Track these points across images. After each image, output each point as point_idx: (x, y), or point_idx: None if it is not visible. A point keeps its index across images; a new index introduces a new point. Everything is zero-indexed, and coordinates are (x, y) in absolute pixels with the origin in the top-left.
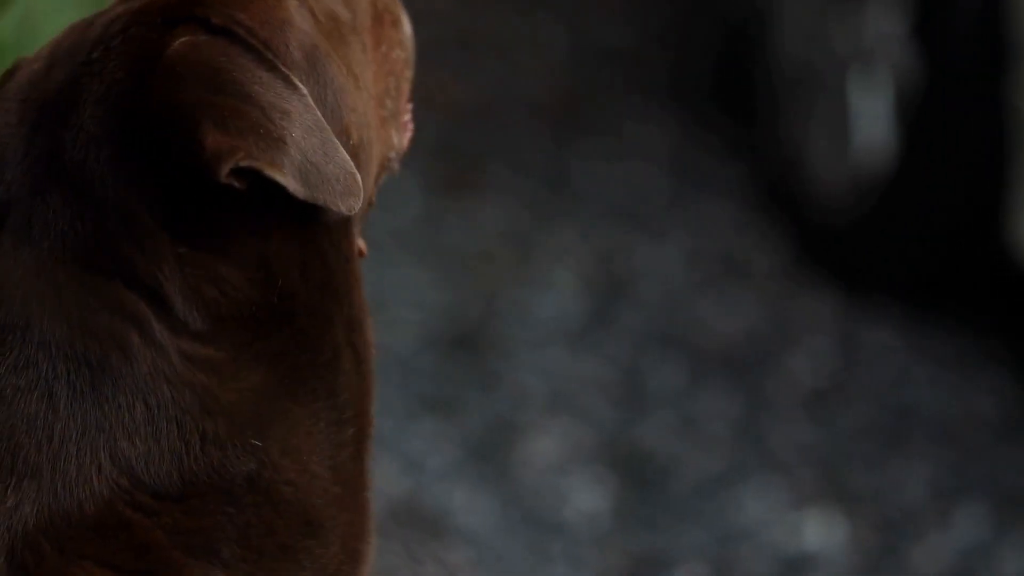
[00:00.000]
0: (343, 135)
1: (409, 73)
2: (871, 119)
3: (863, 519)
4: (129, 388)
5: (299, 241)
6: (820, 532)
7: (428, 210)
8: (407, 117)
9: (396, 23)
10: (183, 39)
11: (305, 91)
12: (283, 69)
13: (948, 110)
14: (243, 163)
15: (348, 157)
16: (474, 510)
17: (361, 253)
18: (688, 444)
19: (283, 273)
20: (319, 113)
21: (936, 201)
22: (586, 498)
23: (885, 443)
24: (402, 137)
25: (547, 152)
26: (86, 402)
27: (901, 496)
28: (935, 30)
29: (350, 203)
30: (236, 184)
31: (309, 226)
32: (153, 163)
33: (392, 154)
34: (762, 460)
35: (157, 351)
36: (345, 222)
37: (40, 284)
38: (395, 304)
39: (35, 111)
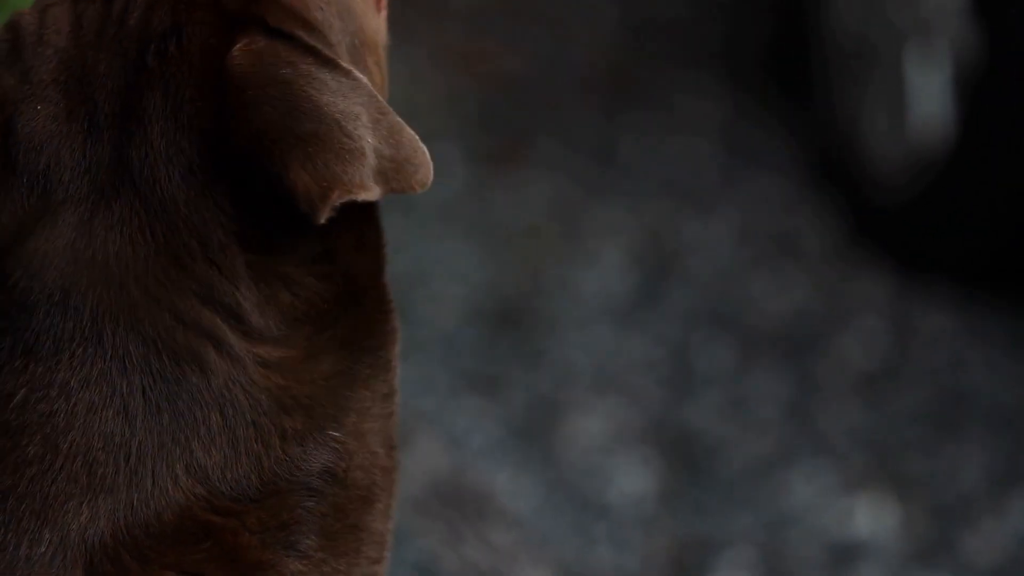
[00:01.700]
0: (367, 77)
1: None
2: (929, 94)
3: (916, 505)
4: (205, 401)
5: (357, 220)
6: (871, 518)
7: (472, 183)
8: None
9: None
10: (243, 46)
11: (363, 78)
12: (341, 63)
13: (1008, 84)
14: (338, 202)
15: (412, 132)
16: (517, 490)
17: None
18: (737, 426)
19: (345, 257)
20: (379, 97)
21: (995, 179)
22: (632, 480)
23: (939, 428)
24: (384, 22)
25: (595, 125)
26: (162, 417)
27: (955, 482)
28: (995, 1)
29: (423, 179)
30: (333, 215)
31: (358, 217)
32: (231, 185)
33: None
34: (812, 443)
35: (233, 363)
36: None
37: (111, 295)
38: (438, 279)
39: (85, 110)
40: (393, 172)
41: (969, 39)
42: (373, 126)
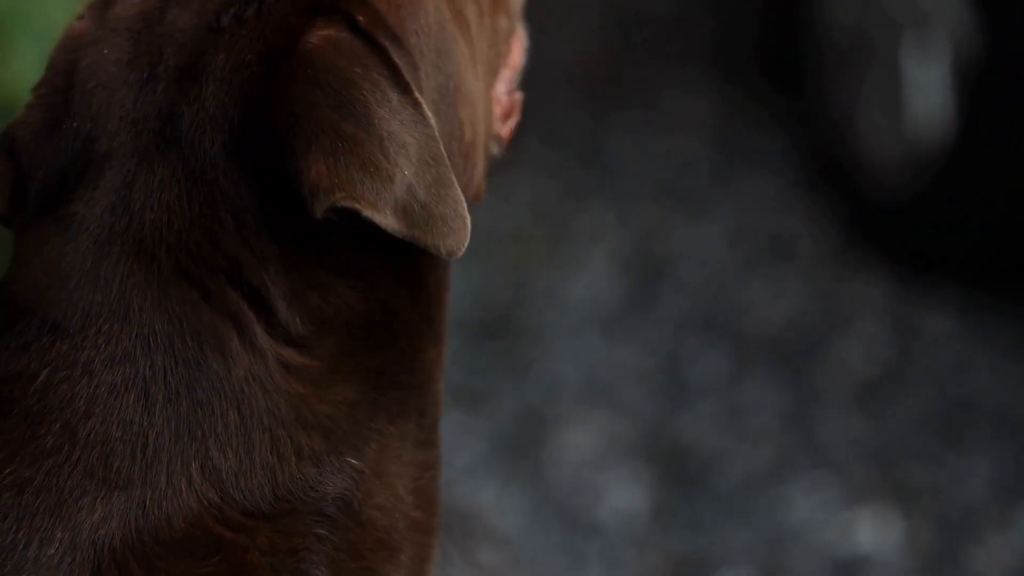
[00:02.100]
0: (456, 132)
1: (507, 48)
2: (927, 89)
3: (920, 518)
4: (224, 393)
5: (399, 259)
6: (874, 532)
7: None
8: (509, 95)
9: None
10: (323, 33)
11: (433, 122)
12: (416, 96)
13: (1010, 77)
14: (341, 204)
15: (461, 197)
16: (505, 508)
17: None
18: (732, 438)
19: (385, 287)
20: (441, 146)
21: (997, 176)
22: (623, 496)
23: (943, 436)
24: (500, 119)
25: (581, 125)
26: (181, 406)
27: (961, 493)
28: None
29: (452, 245)
30: (333, 217)
31: (409, 247)
32: (266, 161)
33: (492, 141)
34: (812, 455)
35: (255, 356)
36: None
37: (141, 267)
38: None
39: (149, 60)
40: (422, 219)
41: (968, 31)
42: (418, 164)
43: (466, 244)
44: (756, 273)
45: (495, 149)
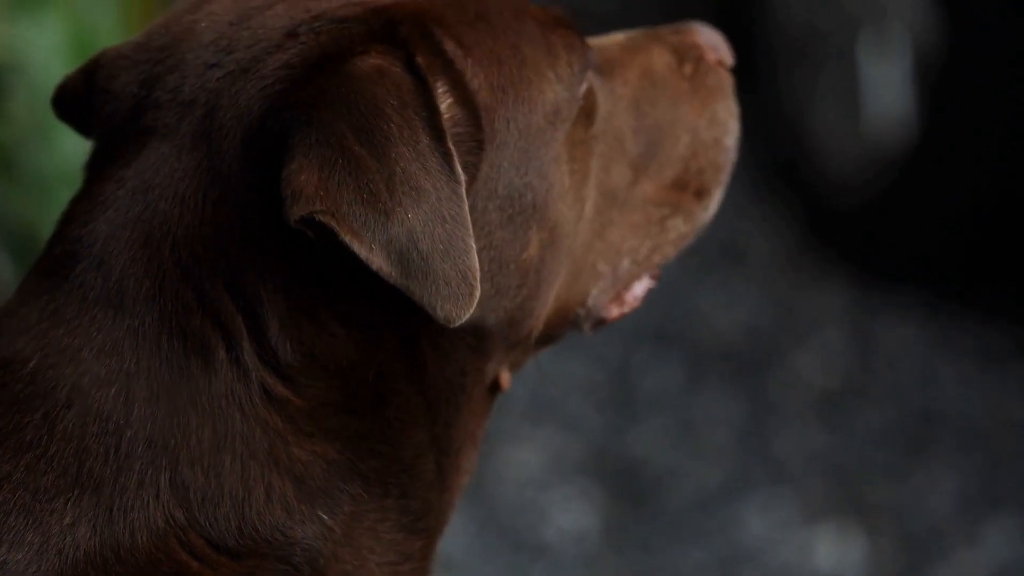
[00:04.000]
0: (519, 244)
1: (671, 253)
2: (885, 86)
3: (883, 535)
4: (202, 406)
5: (406, 327)
6: (834, 551)
7: None
8: (634, 295)
9: (702, 196)
10: (375, 61)
11: (462, 179)
12: (450, 147)
13: (972, 73)
14: (320, 218)
15: (475, 267)
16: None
17: (499, 387)
18: (685, 453)
19: (384, 350)
20: (466, 209)
21: (960, 177)
22: (571, 515)
23: (906, 450)
24: (606, 301)
25: None
26: (159, 410)
27: (925, 509)
28: None
29: (449, 310)
30: (308, 232)
31: (411, 317)
32: (275, 163)
33: (582, 310)
34: (768, 471)
35: (239, 374)
36: (468, 337)
37: (144, 256)
38: None
39: (225, 47)
40: (419, 271)
41: (928, 25)
42: (429, 214)
43: (466, 314)
44: (709, 281)
45: (585, 323)
